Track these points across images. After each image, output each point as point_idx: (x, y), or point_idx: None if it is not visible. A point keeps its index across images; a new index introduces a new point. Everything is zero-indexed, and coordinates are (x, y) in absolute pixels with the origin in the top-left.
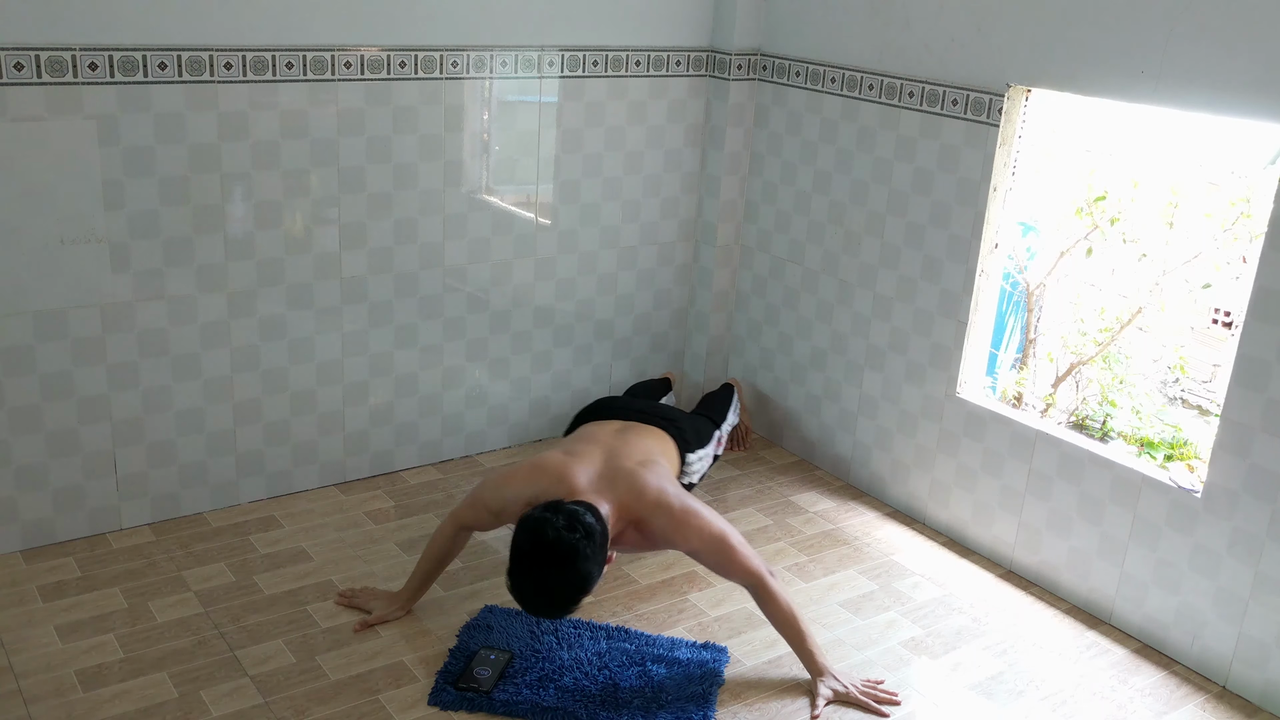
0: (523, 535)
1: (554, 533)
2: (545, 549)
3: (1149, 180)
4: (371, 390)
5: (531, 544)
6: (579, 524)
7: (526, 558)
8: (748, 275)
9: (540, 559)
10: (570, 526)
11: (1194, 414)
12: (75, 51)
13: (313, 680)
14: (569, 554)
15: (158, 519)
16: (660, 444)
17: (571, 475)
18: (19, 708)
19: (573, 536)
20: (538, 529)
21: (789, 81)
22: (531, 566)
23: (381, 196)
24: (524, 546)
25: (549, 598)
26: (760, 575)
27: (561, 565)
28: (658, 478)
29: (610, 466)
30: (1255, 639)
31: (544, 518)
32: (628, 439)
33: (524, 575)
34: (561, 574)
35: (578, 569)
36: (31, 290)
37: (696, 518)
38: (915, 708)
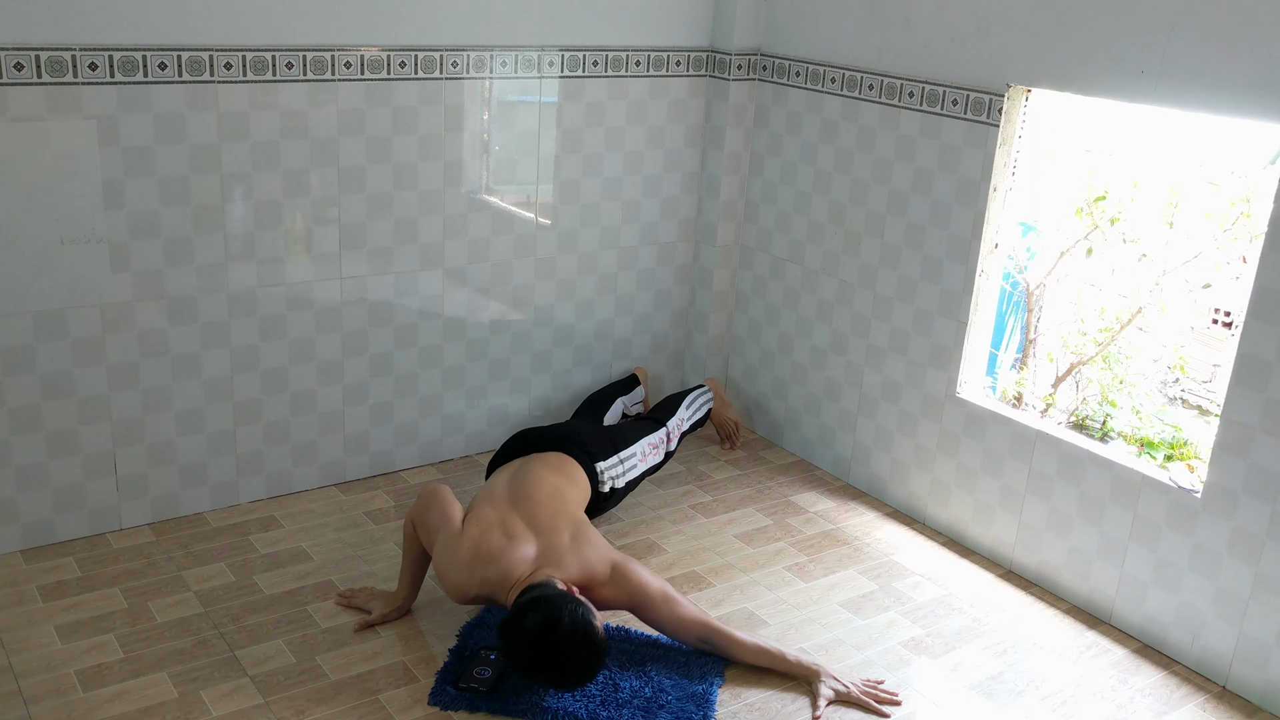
0: (542, 632)
1: (571, 621)
2: (575, 637)
3: (1149, 180)
4: (371, 390)
5: (557, 635)
6: (580, 604)
7: (555, 646)
8: (748, 275)
9: (572, 645)
10: (575, 610)
11: (1194, 414)
12: (75, 51)
13: (313, 680)
14: (590, 636)
15: (158, 519)
16: (564, 474)
17: (512, 568)
18: (19, 708)
19: (587, 616)
20: (555, 624)
21: (789, 81)
22: (565, 653)
23: (381, 196)
24: (549, 638)
25: (584, 674)
26: (708, 621)
27: (589, 644)
28: (593, 548)
29: (548, 545)
30: (1255, 639)
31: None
32: (541, 495)
33: (556, 664)
34: (592, 651)
35: (598, 644)
36: (31, 290)
37: (636, 577)
38: (915, 708)
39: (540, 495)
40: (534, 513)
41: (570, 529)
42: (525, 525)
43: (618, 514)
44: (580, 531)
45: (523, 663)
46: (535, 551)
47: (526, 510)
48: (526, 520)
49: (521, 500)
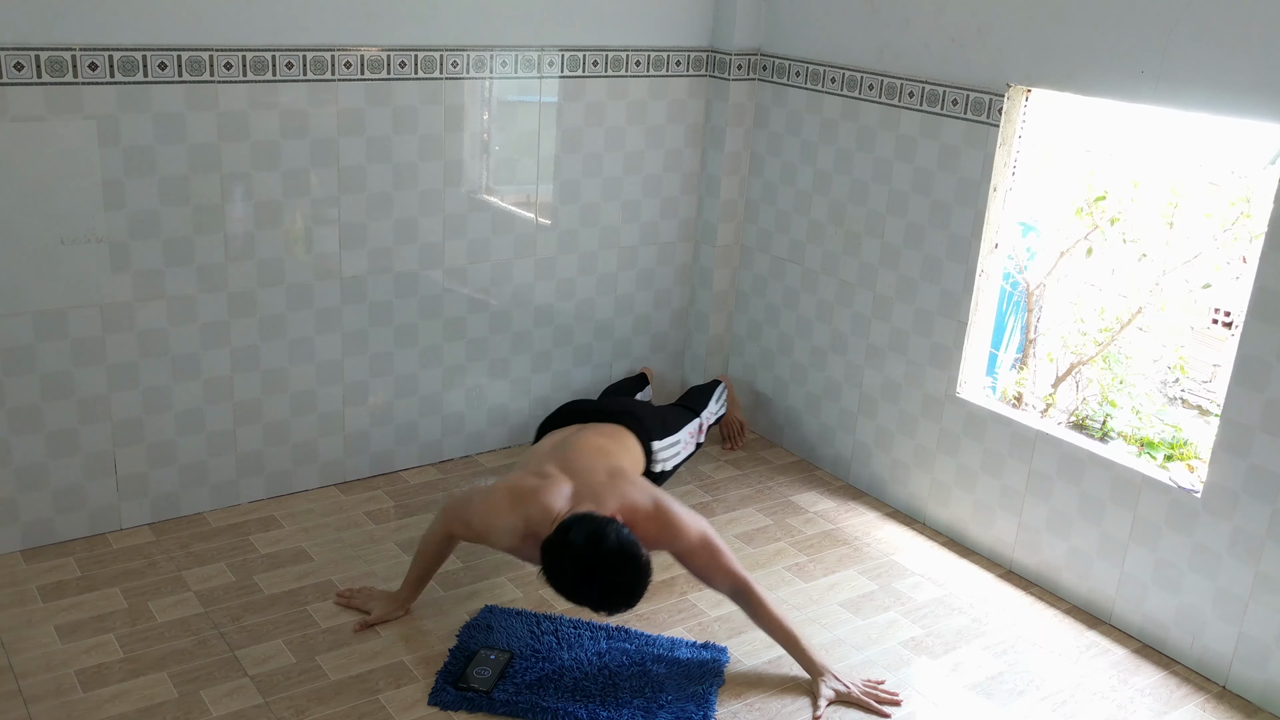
0: (582, 552)
1: (615, 541)
2: (615, 556)
3: (1149, 180)
4: (371, 390)
5: (598, 557)
6: (623, 525)
7: (598, 568)
8: (748, 275)
9: (615, 564)
10: (619, 531)
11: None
12: (75, 51)
13: (313, 680)
14: (631, 555)
15: (158, 519)
16: (618, 441)
17: (552, 502)
18: (19, 708)
19: (628, 536)
20: (596, 544)
21: (789, 81)
22: (608, 573)
23: (381, 196)
24: (590, 561)
25: (623, 595)
26: (746, 578)
27: (629, 564)
28: (634, 483)
29: (585, 484)
30: (1255, 639)
31: (594, 533)
32: (584, 447)
33: (601, 583)
34: (631, 572)
35: (640, 564)
36: (31, 290)
37: (677, 519)
38: (915, 708)
39: (582, 447)
40: (570, 458)
41: (606, 470)
42: (560, 469)
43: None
44: (618, 471)
45: (567, 581)
46: (571, 489)
47: (562, 457)
48: (562, 466)
49: (560, 451)
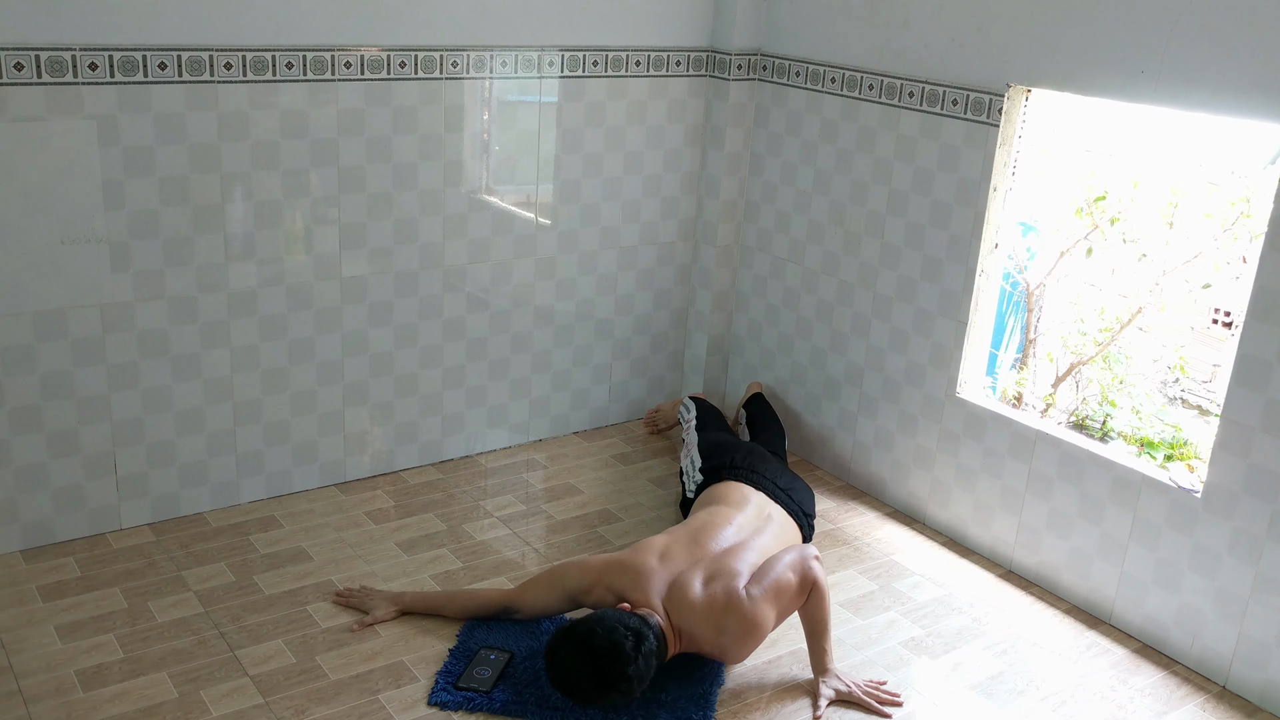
0: (591, 631)
1: (618, 657)
2: (599, 662)
3: (1149, 180)
4: (371, 390)
5: (591, 646)
6: (636, 672)
7: (580, 652)
8: (748, 275)
9: (589, 662)
10: (632, 659)
11: (1194, 414)
12: (75, 51)
13: (313, 680)
14: (610, 681)
15: (158, 519)
16: (782, 545)
17: (646, 589)
18: (19, 708)
19: (623, 671)
20: (608, 641)
21: (789, 81)
22: (576, 660)
23: (381, 196)
24: (585, 643)
25: (569, 689)
26: (812, 575)
27: (598, 680)
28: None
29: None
30: (1255, 639)
31: (622, 640)
32: (749, 543)
33: (565, 659)
34: (595, 687)
35: (605, 692)
36: (31, 290)
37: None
38: (915, 708)
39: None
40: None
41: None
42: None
43: (618, 513)
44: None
45: (548, 650)
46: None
47: (714, 554)
48: (704, 562)
49: (719, 541)
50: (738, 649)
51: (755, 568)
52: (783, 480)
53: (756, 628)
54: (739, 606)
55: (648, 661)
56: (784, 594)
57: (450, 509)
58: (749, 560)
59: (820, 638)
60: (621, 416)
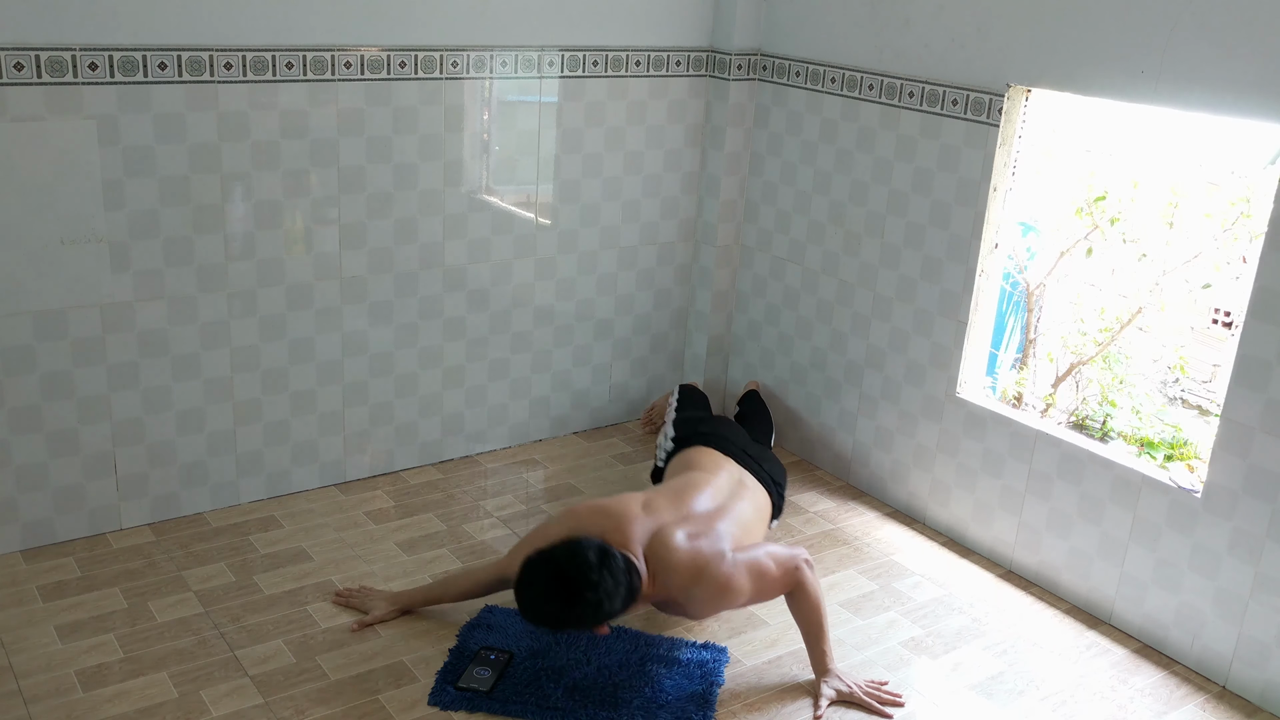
0: (557, 555)
1: (582, 577)
2: (566, 584)
3: (1149, 180)
4: (371, 390)
5: (558, 569)
6: (606, 591)
7: (549, 577)
8: (748, 275)
9: (557, 586)
10: (599, 582)
11: (1194, 414)
12: (75, 51)
13: (313, 680)
14: (581, 602)
15: (158, 519)
16: (757, 512)
17: (628, 532)
18: (19, 708)
19: (593, 595)
20: (574, 562)
21: (789, 81)
22: (545, 585)
23: (381, 196)
24: (550, 566)
25: (540, 617)
26: (797, 578)
27: (568, 603)
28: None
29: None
30: (1255, 639)
31: (588, 559)
32: (725, 508)
33: (532, 586)
34: (564, 609)
35: (576, 616)
36: (31, 290)
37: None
38: (915, 708)
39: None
40: (702, 510)
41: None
42: (678, 506)
43: None
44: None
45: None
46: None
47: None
48: (684, 503)
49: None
50: (704, 606)
51: (736, 539)
52: (753, 449)
53: (730, 591)
54: (719, 565)
55: (615, 579)
56: (762, 578)
57: (450, 509)
58: (730, 529)
59: (817, 640)
60: (621, 416)
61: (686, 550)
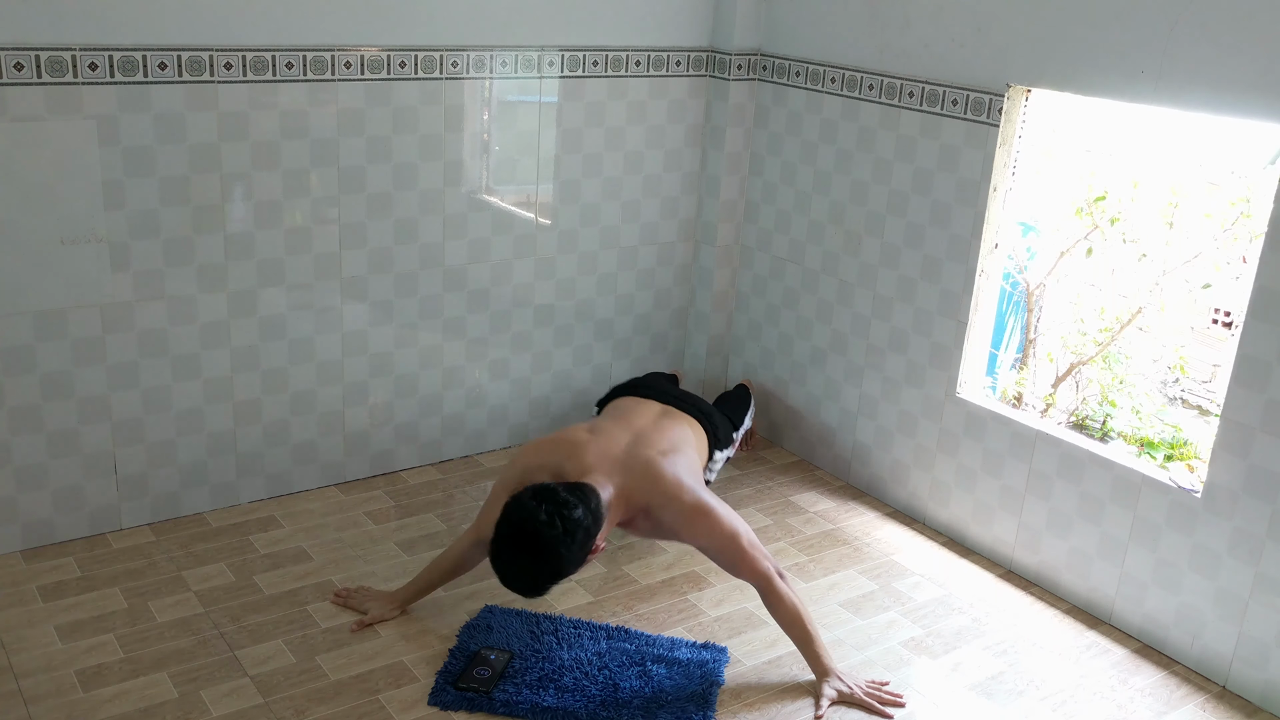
0: (504, 519)
1: (533, 525)
2: (523, 539)
3: (1149, 180)
4: (371, 390)
5: (510, 529)
6: (561, 519)
7: (504, 540)
8: (748, 275)
9: (516, 546)
10: (551, 521)
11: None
12: (75, 51)
13: (313, 680)
14: (544, 548)
15: (158, 519)
16: (695, 436)
17: (585, 452)
18: (19, 708)
19: (551, 532)
20: (519, 517)
21: (789, 81)
22: (507, 550)
23: (381, 196)
24: (503, 530)
25: (519, 582)
26: (768, 577)
27: (535, 556)
28: (675, 469)
29: (631, 453)
30: (1255, 639)
31: (528, 506)
32: (662, 426)
33: (499, 557)
34: (534, 563)
35: (549, 564)
36: (31, 290)
37: (707, 515)
38: (915, 708)
39: (662, 425)
40: (646, 427)
41: (668, 447)
42: (625, 430)
43: None
44: (676, 453)
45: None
46: (614, 454)
47: (641, 423)
48: (633, 429)
49: (641, 415)
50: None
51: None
52: (680, 394)
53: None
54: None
55: (566, 508)
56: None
57: (450, 509)
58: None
59: (806, 644)
60: None
61: (647, 457)
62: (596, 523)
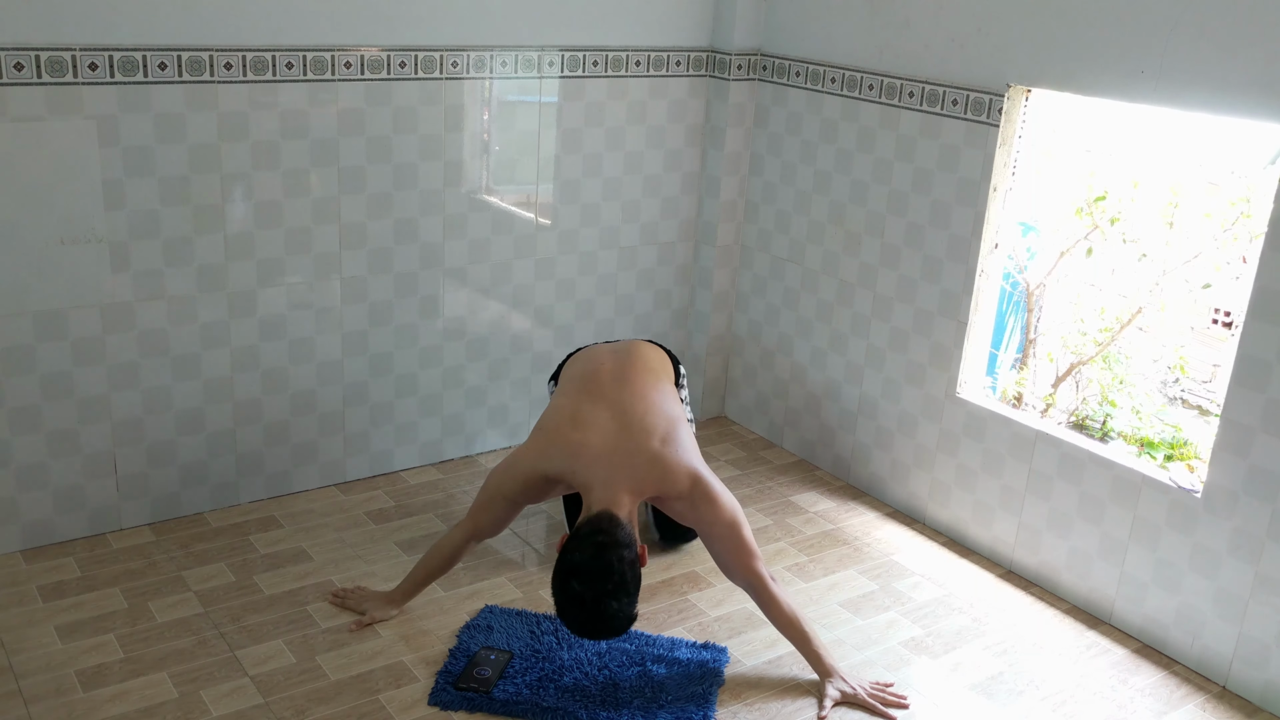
0: (573, 612)
1: (601, 609)
2: (597, 621)
3: (1149, 180)
4: (371, 390)
5: (586, 624)
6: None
7: (583, 626)
8: (748, 275)
9: (596, 627)
10: (606, 599)
11: (1194, 414)
12: (75, 51)
13: (313, 680)
14: (617, 616)
15: (158, 519)
16: (658, 362)
17: (582, 458)
18: (19, 708)
19: (618, 603)
20: (584, 615)
21: (789, 81)
22: (590, 629)
23: (381, 196)
24: (578, 623)
25: (606, 638)
26: (762, 578)
27: (614, 623)
28: (680, 457)
29: (630, 445)
30: (1255, 639)
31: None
32: (634, 386)
33: (586, 634)
34: (615, 625)
35: (626, 620)
36: (31, 290)
37: (713, 504)
38: (915, 708)
39: (636, 374)
40: (629, 403)
41: (663, 429)
42: (612, 416)
43: None
44: (672, 432)
45: (560, 606)
46: (610, 454)
47: (619, 397)
48: (617, 411)
49: (612, 381)
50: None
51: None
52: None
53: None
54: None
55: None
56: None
57: (450, 509)
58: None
59: (805, 644)
60: None
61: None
62: (633, 549)
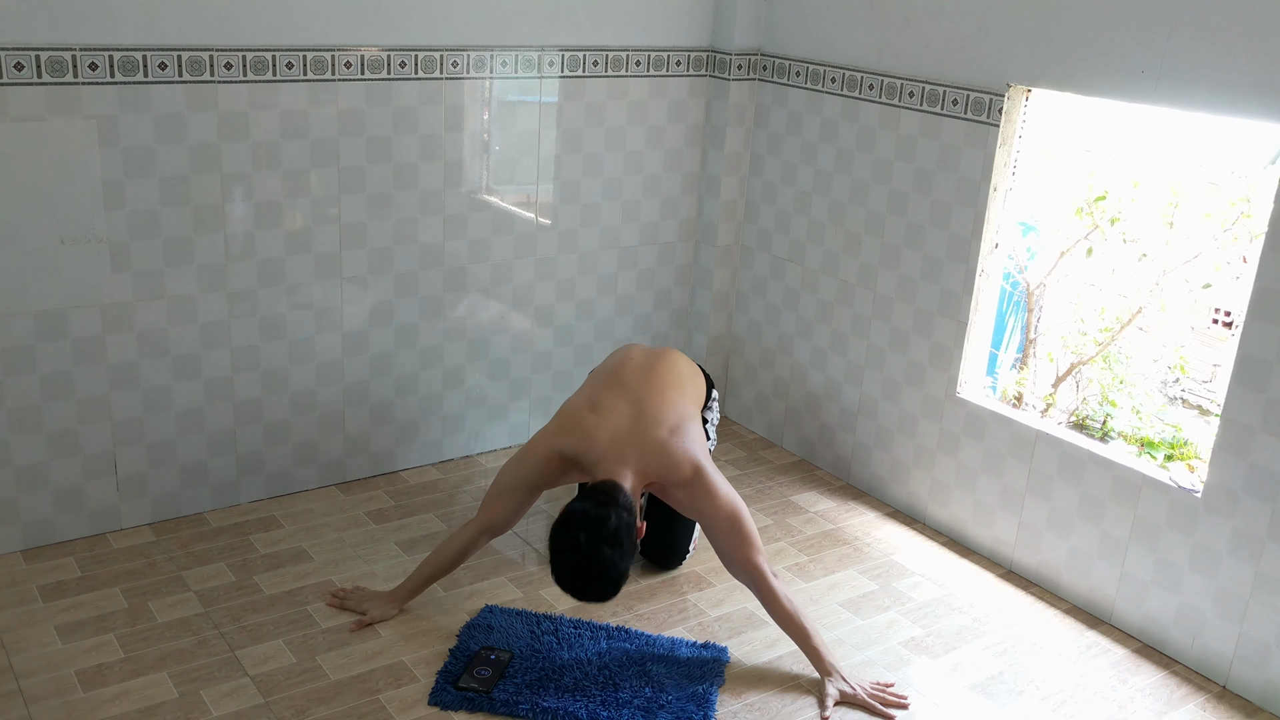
0: (560, 562)
1: (588, 559)
2: (586, 571)
3: (1149, 180)
4: (371, 390)
5: (572, 571)
6: (606, 539)
7: (569, 577)
8: (748, 275)
9: (584, 578)
10: (598, 549)
11: (1194, 414)
12: (75, 51)
13: (313, 680)
14: (605, 570)
15: (158, 519)
16: (688, 372)
17: (595, 437)
18: (19, 708)
19: (606, 555)
20: (574, 560)
21: (789, 81)
22: (578, 584)
23: (381, 196)
24: (565, 572)
25: (594, 599)
26: (762, 571)
27: (601, 579)
28: (686, 448)
29: (641, 432)
30: (1255, 639)
31: (575, 540)
32: (657, 384)
33: (573, 591)
34: (603, 585)
35: (615, 580)
36: (31, 290)
37: (715, 498)
38: (915, 708)
39: (661, 373)
40: (646, 396)
41: (674, 421)
42: (628, 405)
43: None
44: (682, 425)
45: (556, 570)
46: (623, 435)
47: (639, 390)
48: (633, 401)
49: (635, 375)
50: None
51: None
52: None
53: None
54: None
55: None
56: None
57: (450, 509)
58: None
59: (805, 640)
60: None
61: (668, 443)
62: (631, 513)
